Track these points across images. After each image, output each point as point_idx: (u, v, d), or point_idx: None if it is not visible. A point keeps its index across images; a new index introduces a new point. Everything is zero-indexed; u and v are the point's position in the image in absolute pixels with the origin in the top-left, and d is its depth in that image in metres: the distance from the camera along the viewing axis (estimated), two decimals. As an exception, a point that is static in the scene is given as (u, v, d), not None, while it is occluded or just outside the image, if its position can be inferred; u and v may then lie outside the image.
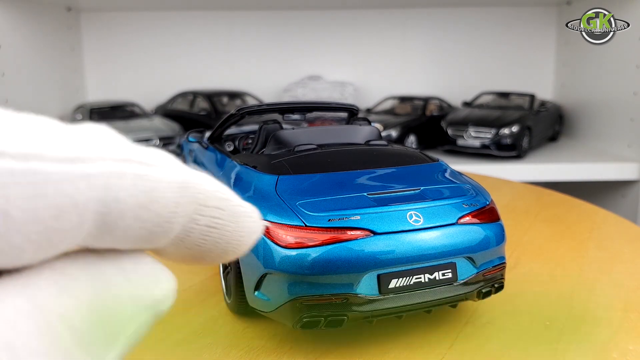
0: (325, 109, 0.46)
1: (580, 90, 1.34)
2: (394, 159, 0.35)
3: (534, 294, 0.39)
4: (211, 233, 0.15)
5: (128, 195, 0.13)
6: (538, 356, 0.32)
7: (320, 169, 0.32)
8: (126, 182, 0.13)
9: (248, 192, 0.32)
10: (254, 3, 1.41)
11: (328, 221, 0.28)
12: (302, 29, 1.48)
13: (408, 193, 0.32)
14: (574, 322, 0.36)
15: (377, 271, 0.29)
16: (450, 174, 0.35)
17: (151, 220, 0.13)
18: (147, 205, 0.13)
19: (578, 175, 1.09)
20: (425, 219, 0.30)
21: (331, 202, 0.29)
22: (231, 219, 0.16)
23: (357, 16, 1.47)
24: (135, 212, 0.13)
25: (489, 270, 0.32)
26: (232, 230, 0.16)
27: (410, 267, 0.29)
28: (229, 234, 0.16)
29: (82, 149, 0.12)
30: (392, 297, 0.29)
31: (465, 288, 0.31)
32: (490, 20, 1.45)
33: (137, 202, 0.13)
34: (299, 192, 0.30)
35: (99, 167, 0.12)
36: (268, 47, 1.48)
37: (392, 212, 0.30)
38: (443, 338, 0.33)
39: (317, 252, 0.28)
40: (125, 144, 0.13)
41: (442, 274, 0.30)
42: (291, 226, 0.28)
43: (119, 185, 0.13)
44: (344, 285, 0.28)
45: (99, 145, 0.13)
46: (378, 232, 0.29)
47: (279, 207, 0.29)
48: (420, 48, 1.48)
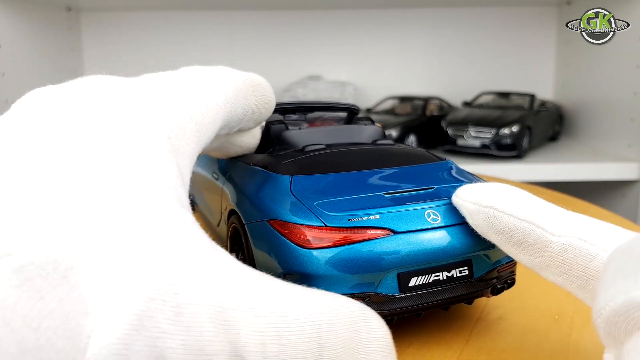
0: (326, 109, 0.46)
1: (580, 90, 1.34)
2: (402, 159, 0.35)
3: (539, 290, 0.39)
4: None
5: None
6: (551, 349, 0.32)
7: (332, 169, 0.32)
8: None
9: (261, 193, 0.32)
10: (254, 3, 1.41)
11: (348, 221, 0.28)
12: (302, 29, 1.48)
13: (423, 192, 0.32)
14: (581, 316, 0.36)
15: (397, 270, 0.29)
16: (459, 173, 0.35)
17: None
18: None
19: (578, 175, 1.09)
20: (443, 218, 0.30)
21: (349, 202, 0.29)
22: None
23: (357, 16, 1.47)
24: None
25: (502, 266, 0.32)
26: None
27: (429, 265, 0.29)
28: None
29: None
30: (412, 295, 0.29)
31: (480, 285, 0.31)
32: (490, 20, 1.46)
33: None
34: (315, 192, 0.30)
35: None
36: (268, 47, 1.48)
37: (410, 211, 0.30)
38: (458, 334, 0.33)
39: (339, 252, 0.28)
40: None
41: (459, 271, 0.30)
42: (311, 226, 0.28)
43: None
44: (365, 284, 0.28)
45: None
46: (398, 231, 0.29)
47: (296, 207, 0.29)
48: (420, 48, 1.48)
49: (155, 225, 0.19)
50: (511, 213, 0.27)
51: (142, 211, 0.19)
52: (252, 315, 0.18)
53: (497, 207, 0.27)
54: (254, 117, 0.32)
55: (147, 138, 0.22)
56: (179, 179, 0.23)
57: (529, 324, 0.35)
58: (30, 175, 0.18)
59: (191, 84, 0.27)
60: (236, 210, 0.34)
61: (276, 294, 0.20)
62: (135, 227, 0.18)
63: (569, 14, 1.38)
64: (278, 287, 0.20)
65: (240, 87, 0.30)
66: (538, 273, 0.27)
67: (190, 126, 0.25)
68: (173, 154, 0.23)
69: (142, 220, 0.19)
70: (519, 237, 0.26)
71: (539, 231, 0.26)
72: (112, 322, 0.16)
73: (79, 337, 0.16)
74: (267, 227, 0.30)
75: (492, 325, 0.35)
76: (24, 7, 1.20)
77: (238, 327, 0.18)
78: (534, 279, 0.40)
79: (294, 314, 0.19)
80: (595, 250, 0.24)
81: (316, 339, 0.19)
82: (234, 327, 0.18)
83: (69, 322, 0.16)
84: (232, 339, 0.18)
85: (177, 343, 0.17)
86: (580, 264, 0.24)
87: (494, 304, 0.37)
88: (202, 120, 0.26)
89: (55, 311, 0.15)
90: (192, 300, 0.17)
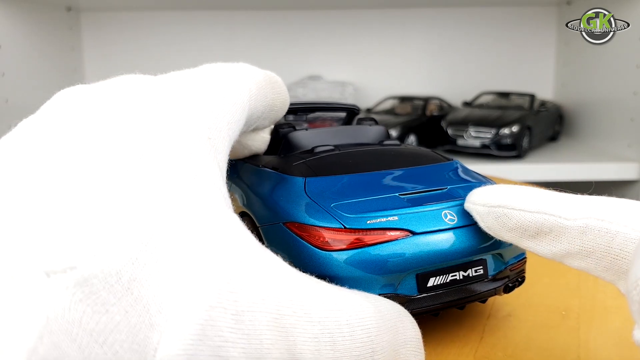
0: (327, 109, 0.46)
1: (580, 90, 1.34)
2: (411, 159, 0.35)
3: (543, 286, 0.40)
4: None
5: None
6: (562, 343, 0.32)
7: (344, 170, 0.32)
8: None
9: (274, 195, 0.32)
10: (254, 3, 1.41)
11: (367, 222, 0.28)
12: (302, 29, 1.48)
13: (438, 192, 0.32)
14: (587, 311, 0.36)
15: (416, 271, 0.29)
16: (468, 173, 0.35)
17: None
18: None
19: (578, 175, 1.10)
20: (459, 218, 0.30)
21: (366, 204, 0.29)
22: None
23: (357, 16, 1.47)
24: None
25: (514, 265, 0.33)
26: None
27: (446, 265, 0.29)
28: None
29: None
30: (430, 295, 0.29)
31: (494, 283, 0.32)
32: (490, 20, 1.46)
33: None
34: (331, 194, 0.30)
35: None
36: (268, 47, 1.48)
37: (428, 211, 0.30)
38: (472, 332, 0.33)
39: (358, 254, 0.28)
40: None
41: (475, 271, 0.30)
42: (330, 228, 0.28)
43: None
44: (386, 285, 0.28)
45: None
46: (417, 232, 0.29)
47: (313, 209, 0.29)
48: (420, 48, 1.49)
49: (210, 231, 0.19)
50: (520, 208, 0.26)
51: (196, 217, 0.19)
52: (307, 321, 0.18)
53: (505, 205, 0.27)
54: (270, 115, 0.32)
55: (192, 141, 0.22)
56: (221, 179, 0.23)
57: (538, 320, 0.35)
58: (82, 184, 0.17)
59: (219, 81, 0.27)
60: (247, 213, 0.34)
61: (327, 299, 0.19)
62: (191, 234, 0.18)
63: (569, 14, 1.38)
64: (327, 291, 0.20)
65: (261, 83, 0.30)
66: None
67: (224, 124, 0.25)
68: (214, 154, 0.23)
69: (197, 226, 0.18)
70: (534, 230, 0.26)
71: (552, 219, 0.25)
72: (176, 333, 0.16)
73: (146, 350, 0.16)
74: (283, 230, 0.30)
75: (503, 322, 0.35)
76: (24, 7, 1.20)
77: (294, 334, 0.18)
78: (537, 276, 0.40)
79: (345, 319, 0.19)
80: (616, 228, 0.23)
81: (369, 344, 0.19)
82: (291, 334, 0.18)
83: (135, 334, 0.15)
84: (290, 346, 0.18)
85: (239, 351, 0.17)
86: (601, 244, 0.23)
87: (502, 301, 0.38)
88: (232, 118, 0.26)
89: (121, 324, 0.15)
90: (250, 307, 0.17)
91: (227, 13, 1.48)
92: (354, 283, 0.27)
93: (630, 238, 0.23)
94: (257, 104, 0.30)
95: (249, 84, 0.29)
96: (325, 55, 1.50)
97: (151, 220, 0.17)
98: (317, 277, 0.28)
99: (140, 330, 0.16)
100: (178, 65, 0.29)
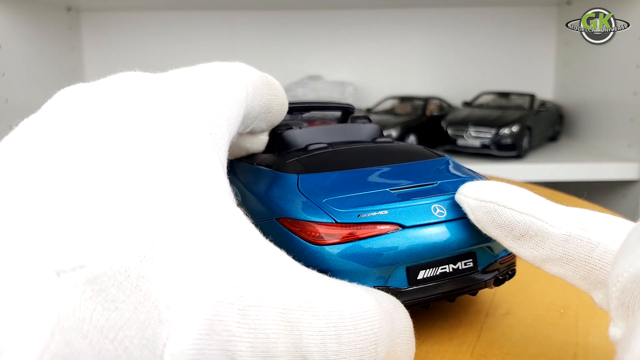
0: (321, 109, 0.46)
1: (580, 90, 1.34)
2: (403, 156, 0.36)
3: (542, 284, 0.40)
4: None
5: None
6: (561, 341, 0.32)
7: (337, 167, 0.33)
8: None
9: (268, 192, 0.32)
10: (254, 3, 1.41)
11: (358, 217, 0.28)
12: (302, 29, 1.48)
13: (428, 187, 0.32)
14: (585, 309, 0.36)
15: (406, 263, 0.29)
16: (458, 168, 0.35)
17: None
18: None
19: (578, 175, 1.10)
20: (448, 211, 0.30)
21: (357, 199, 0.30)
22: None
23: (357, 16, 1.48)
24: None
25: (504, 258, 0.33)
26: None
27: (436, 258, 0.30)
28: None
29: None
30: (420, 288, 0.29)
31: (484, 276, 0.32)
32: (490, 20, 1.46)
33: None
34: (323, 190, 0.30)
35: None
36: (268, 47, 1.48)
37: (417, 205, 0.30)
38: (469, 330, 0.33)
39: (350, 247, 0.28)
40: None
41: (465, 264, 0.31)
42: (322, 223, 0.28)
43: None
44: (377, 279, 0.28)
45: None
46: (406, 225, 0.29)
47: (305, 205, 0.29)
48: (420, 48, 1.49)
49: (216, 227, 0.19)
50: (511, 207, 0.27)
51: (202, 213, 0.19)
52: (312, 315, 0.18)
53: (497, 202, 0.27)
54: (266, 117, 0.33)
55: (194, 136, 0.22)
56: (224, 174, 0.23)
57: (536, 318, 0.35)
58: (88, 183, 0.17)
59: (217, 78, 0.27)
60: (241, 209, 0.34)
61: (330, 292, 0.20)
62: (197, 230, 0.18)
63: (569, 14, 1.38)
64: (330, 285, 0.21)
65: (258, 83, 0.30)
66: (540, 267, 0.27)
67: (224, 120, 0.25)
68: (216, 150, 0.23)
69: (204, 222, 0.19)
70: (520, 230, 0.27)
71: (539, 223, 0.26)
72: (185, 328, 0.16)
73: (155, 346, 0.16)
74: (276, 225, 0.30)
75: (500, 320, 0.35)
76: (24, 7, 1.20)
77: (300, 328, 0.18)
78: (535, 274, 0.40)
79: (349, 313, 0.19)
80: (597, 239, 0.24)
81: (372, 336, 0.20)
82: (297, 328, 0.18)
83: (145, 330, 0.16)
84: (295, 340, 0.18)
85: (246, 346, 0.17)
86: (582, 253, 0.24)
87: (500, 299, 0.38)
88: (231, 114, 0.26)
89: (130, 321, 0.15)
90: (256, 302, 0.18)
91: (227, 13, 1.48)
92: (347, 276, 0.28)
93: (609, 250, 0.23)
94: (254, 102, 0.30)
95: (246, 82, 0.29)
96: (325, 55, 1.50)
97: (158, 217, 0.17)
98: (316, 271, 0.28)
99: (149, 326, 0.16)
100: (178, 65, 0.29)
